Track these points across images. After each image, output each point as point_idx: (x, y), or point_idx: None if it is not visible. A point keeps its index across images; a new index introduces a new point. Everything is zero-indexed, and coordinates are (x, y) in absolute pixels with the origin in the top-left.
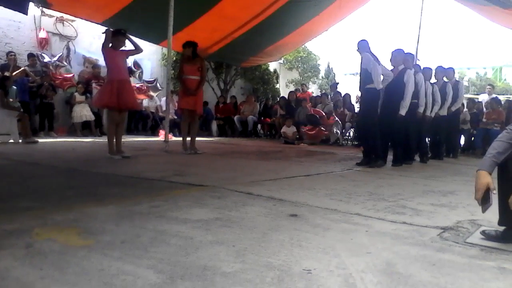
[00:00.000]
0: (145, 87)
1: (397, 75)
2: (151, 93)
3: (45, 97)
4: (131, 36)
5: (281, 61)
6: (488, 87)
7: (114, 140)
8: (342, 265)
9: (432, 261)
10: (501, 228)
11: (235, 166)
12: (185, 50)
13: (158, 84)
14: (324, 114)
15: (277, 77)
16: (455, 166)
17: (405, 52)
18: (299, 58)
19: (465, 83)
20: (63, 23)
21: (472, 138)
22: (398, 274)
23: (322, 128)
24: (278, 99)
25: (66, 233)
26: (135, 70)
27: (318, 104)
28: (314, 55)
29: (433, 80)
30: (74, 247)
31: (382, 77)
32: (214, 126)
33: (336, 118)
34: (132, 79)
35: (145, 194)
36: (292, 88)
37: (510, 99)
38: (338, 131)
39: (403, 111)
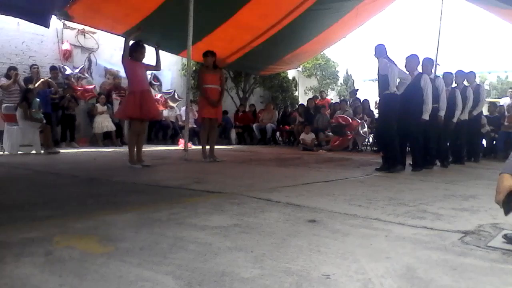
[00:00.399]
0: (164, 99)
1: (413, 80)
2: (170, 103)
3: (67, 109)
4: (160, 51)
5: (299, 68)
6: (510, 90)
7: (135, 149)
8: (362, 270)
9: (453, 266)
10: None
11: (253, 173)
12: (207, 59)
13: (176, 95)
14: (350, 120)
15: (296, 85)
16: (477, 170)
17: (424, 57)
18: (318, 65)
19: (486, 87)
20: (84, 35)
21: (494, 142)
22: (418, 279)
23: (348, 133)
24: (297, 106)
25: (85, 240)
26: (154, 83)
27: (337, 111)
28: (333, 62)
29: (453, 84)
30: (94, 254)
31: (398, 80)
32: (233, 134)
33: (359, 121)
34: (153, 91)
35: (164, 202)
36: (310, 95)
37: None
38: (366, 130)
39: (426, 116)
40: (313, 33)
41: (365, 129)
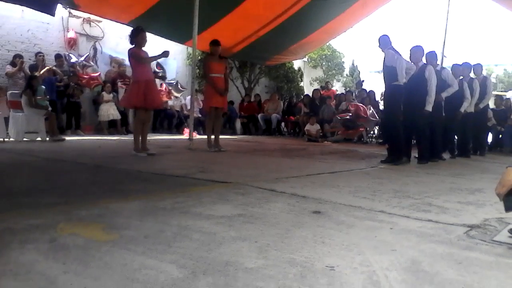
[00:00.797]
0: (167, 89)
1: (418, 71)
2: (174, 93)
3: (72, 96)
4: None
5: (305, 59)
6: None
7: (140, 138)
8: (366, 263)
9: (458, 259)
10: None
11: (258, 163)
12: (214, 47)
13: (179, 85)
14: (363, 107)
15: (301, 75)
16: (483, 164)
17: (428, 51)
18: (324, 56)
19: (493, 80)
20: (90, 23)
21: (500, 136)
22: (423, 272)
23: (360, 125)
24: (302, 97)
25: (90, 228)
26: (157, 71)
27: (342, 102)
28: (339, 52)
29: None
30: (98, 242)
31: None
32: (238, 124)
33: (369, 109)
34: (157, 81)
35: (169, 190)
36: (316, 86)
37: None
38: (376, 118)
39: (429, 107)
40: (319, 23)
41: (375, 117)
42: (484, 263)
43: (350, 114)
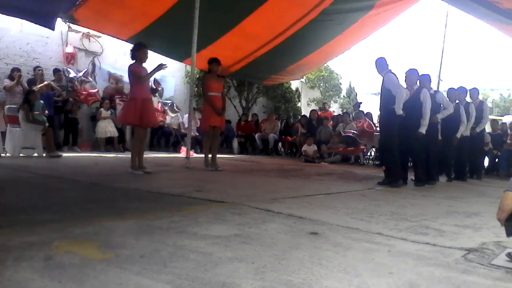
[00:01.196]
0: (162, 108)
1: (413, 94)
2: (170, 113)
3: (70, 112)
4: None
5: (303, 79)
6: None
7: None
8: (364, 285)
9: (456, 283)
10: None
11: (255, 183)
12: (213, 66)
13: (174, 106)
14: (369, 122)
15: (299, 96)
16: (479, 187)
17: (422, 74)
18: (321, 77)
19: (489, 105)
20: (89, 39)
21: (496, 160)
22: None
23: (361, 143)
24: (300, 117)
25: (85, 246)
26: (155, 87)
27: (339, 123)
28: (336, 74)
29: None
30: (93, 260)
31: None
32: (235, 143)
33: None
34: (155, 99)
35: (165, 209)
36: (313, 106)
37: None
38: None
39: (423, 129)
40: (317, 44)
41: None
42: (482, 287)
43: (355, 131)
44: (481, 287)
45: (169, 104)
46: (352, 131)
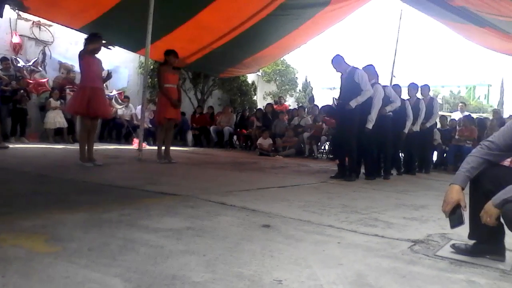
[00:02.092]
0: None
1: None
2: (116, 105)
3: (19, 102)
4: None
5: (259, 73)
6: (460, 104)
7: (86, 147)
8: (313, 276)
9: (402, 273)
10: (471, 242)
11: (209, 176)
12: (170, 57)
13: (118, 99)
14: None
15: (255, 89)
16: (428, 181)
17: (368, 65)
18: (277, 71)
19: (439, 101)
20: (39, 27)
21: (445, 155)
22: (368, 285)
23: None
24: (255, 111)
25: (32, 239)
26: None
27: (294, 117)
28: (292, 68)
29: (406, 96)
30: (40, 253)
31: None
32: (189, 136)
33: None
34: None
35: (116, 202)
36: (269, 100)
37: (483, 117)
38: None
39: (369, 125)
40: (273, 38)
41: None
42: (427, 277)
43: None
44: (426, 277)
45: (113, 96)
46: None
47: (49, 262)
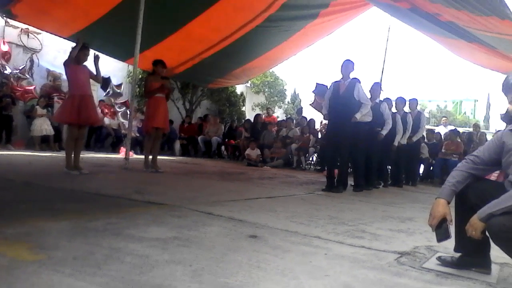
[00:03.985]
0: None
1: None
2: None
3: (5, 109)
4: (99, 63)
5: (248, 84)
6: (444, 118)
7: (73, 155)
8: (300, 287)
9: (389, 285)
10: (457, 255)
11: (196, 186)
12: (158, 68)
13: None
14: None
15: (244, 100)
16: (414, 194)
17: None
18: (266, 83)
19: (426, 115)
20: (28, 35)
21: (431, 168)
22: None
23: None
24: (244, 121)
25: (16, 247)
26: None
27: (283, 128)
28: (281, 80)
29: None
30: (24, 262)
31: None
32: (177, 145)
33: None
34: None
35: (102, 211)
36: (258, 111)
37: (469, 131)
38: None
39: (355, 118)
40: (262, 49)
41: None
42: None
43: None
44: None
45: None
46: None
47: (33, 270)
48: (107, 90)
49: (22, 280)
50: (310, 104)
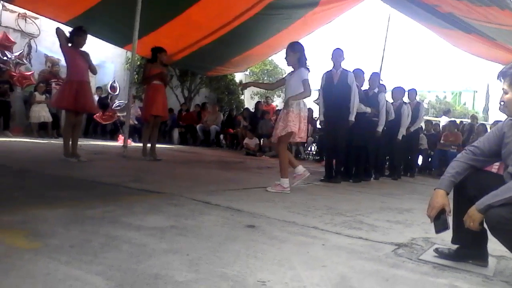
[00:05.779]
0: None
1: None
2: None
3: (3, 95)
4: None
5: (247, 72)
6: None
7: (70, 142)
8: (297, 278)
9: (385, 277)
10: (454, 246)
11: (194, 174)
12: (162, 55)
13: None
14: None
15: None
16: (412, 185)
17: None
18: (265, 71)
19: (425, 106)
20: (25, 19)
21: (429, 159)
22: None
23: None
24: (242, 110)
25: (12, 234)
26: (111, 93)
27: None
28: (281, 68)
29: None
30: (20, 249)
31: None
32: (175, 133)
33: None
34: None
35: (99, 199)
36: (257, 100)
37: (469, 122)
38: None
39: (351, 117)
40: (262, 37)
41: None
42: (410, 281)
43: None
44: (408, 281)
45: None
46: None
47: (29, 258)
48: (116, 105)
49: (18, 268)
50: (314, 101)
